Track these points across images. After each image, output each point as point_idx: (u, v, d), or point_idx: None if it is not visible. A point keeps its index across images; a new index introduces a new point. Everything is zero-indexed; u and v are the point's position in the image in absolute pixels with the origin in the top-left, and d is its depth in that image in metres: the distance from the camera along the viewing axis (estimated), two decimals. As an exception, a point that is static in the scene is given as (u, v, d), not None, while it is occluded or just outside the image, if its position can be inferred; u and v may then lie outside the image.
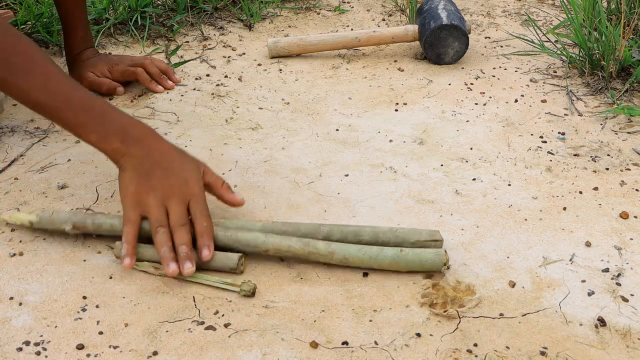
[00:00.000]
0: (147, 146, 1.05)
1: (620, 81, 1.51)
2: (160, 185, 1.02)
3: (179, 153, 1.08)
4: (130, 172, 1.03)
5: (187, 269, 0.98)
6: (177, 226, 1.00)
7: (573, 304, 0.96)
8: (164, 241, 0.99)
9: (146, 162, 1.04)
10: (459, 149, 1.31)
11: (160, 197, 1.02)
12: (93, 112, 1.05)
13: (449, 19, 1.57)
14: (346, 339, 0.91)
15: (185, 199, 1.02)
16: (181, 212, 1.01)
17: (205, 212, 1.03)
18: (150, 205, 1.01)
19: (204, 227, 1.01)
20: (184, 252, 0.99)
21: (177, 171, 1.04)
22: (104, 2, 1.72)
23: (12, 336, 0.91)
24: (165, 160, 1.05)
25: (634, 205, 1.16)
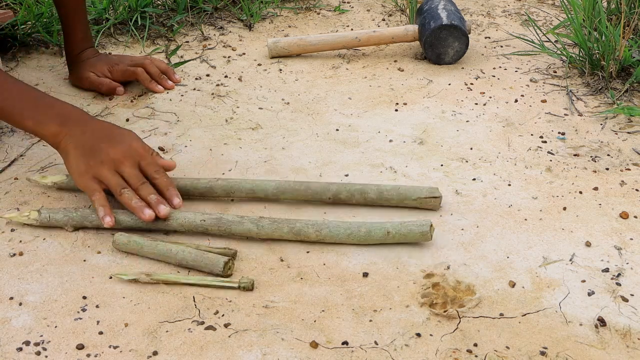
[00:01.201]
0: (85, 125, 1.10)
1: (620, 81, 1.51)
2: (107, 156, 1.06)
3: (114, 125, 1.13)
4: (74, 152, 1.07)
5: (163, 210, 1.03)
6: (138, 185, 1.06)
7: (573, 304, 0.96)
8: (131, 196, 1.04)
9: (88, 138, 1.08)
10: (459, 149, 1.31)
11: (112, 166, 1.06)
12: (28, 98, 1.09)
13: (449, 19, 1.57)
14: (346, 339, 0.91)
15: (136, 161, 1.07)
16: (137, 174, 1.07)
17: (159, 168, 1.08)
18: (105, 177, 1.05)
19: (165, 182, 1.07)
20: (155, 199, 1.04)
21: (120, 139, 1.09)
22: (104, 2, 1.72)
23: (12, 336, 0.91)
24: (106, 134, 1.09)
25: (634, 205, 1.16)
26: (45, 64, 1.60)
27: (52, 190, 1.18)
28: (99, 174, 1.06)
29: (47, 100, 1.11)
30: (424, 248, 1.06)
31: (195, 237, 1.07)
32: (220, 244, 1.07)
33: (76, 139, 1.08)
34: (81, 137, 1.08)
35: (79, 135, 1.08)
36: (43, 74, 1.55)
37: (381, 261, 1.04)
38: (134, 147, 1.09)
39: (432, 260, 1.04)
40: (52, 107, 1.10)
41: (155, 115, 1.41)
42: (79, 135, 1.08)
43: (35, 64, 1.59)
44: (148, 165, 1.07)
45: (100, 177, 1.06)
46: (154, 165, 1.08)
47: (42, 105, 1.09)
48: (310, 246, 1.07)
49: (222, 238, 1.08)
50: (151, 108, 1.44)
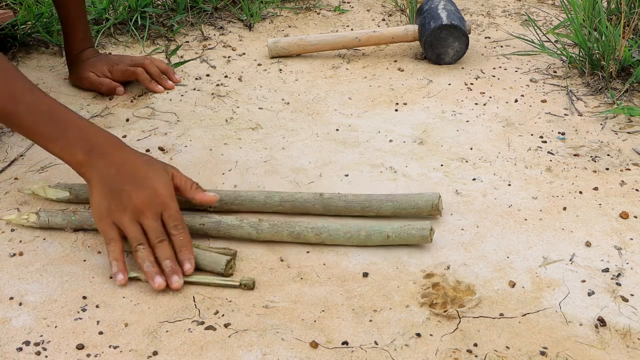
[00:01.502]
0: (112, 157, 1.03)
1: (620, 81, 1.51)
2: (130, 202, 1.00)
3: (144, 161, 1.05)
4: (98, 188, 1.01)
5: (175, 283, 0.98)
6: (156, 243, 1.00)
7: (573, 304, 0.96)
8: (145, 257, 0.99)
9: (112, 175, 1.02)
10: (459, 149, 1.31)
11: (133, 214, 1.00)
12: (57, 121, 1.03)
13: (449, 19, 1.57)
14: (346, 339, 0.91)
15: (158, 212, 1.01)
16: (157, 227, 1.00)
17: (179, 223, 1.02)
18: (125, 225, 1.00)
19: (181, 240, 1.01)
20: (169, 267, 0.98)
21: (145, 182, 1.02)
22: (104, 2, 1.72)
23: (12, 336, 0.91)
24: (132, 172, 1.02)
25: (634, 205, 1.16)
26: (45, 64, 1.60)
27: (52, 190, 1.18)
28: (119, 220, 1.00)
29: (75, 123, 1.04)
30: (424, 248, 1.06)
31: (195, 238, 1.07)
32: (220, 244, 1.07)
33: (100, 173, 1.01)
34: (106, 171, 1.01)
35: (104, 168, 1.01)
36: (43, 74, 1.55)
37: (381, 261, 1.04)
38: (160, 193, 1.01)
39: (432, 260, 1.04)
40: (78, 131, 1.03)
41: (155, 115, 1.41)
42: (103, 169, 1.01)
43: (35, 64, 1.59)
44: (169, 218, 1.01)
45: (119, 224, 1.01)
46: (174, 218, 1.01)
47: (69, 129, 1.03)
48: (310, 246, 1.07)
49: (222, 239, 1.08)
50: (151, 108, 1.44)
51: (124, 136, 1.33)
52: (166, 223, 1.01)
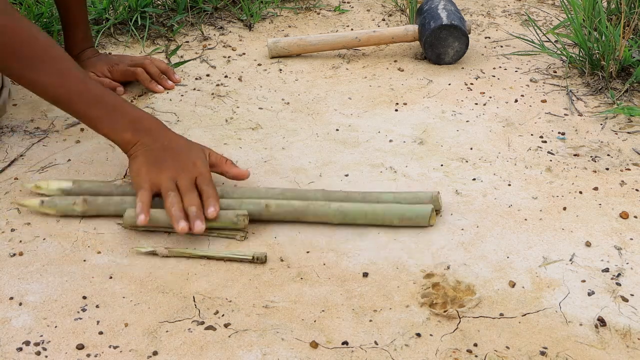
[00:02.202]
0: (156, 135, 1.13)
1: (620, 81, 1.51)
2: (169, 166, 1.10)
3: (185, 140, 1.16)
4: (141, 158, 1.11)
5: (198, 227, 1.05)
6: (186, 191, 1.08)
7: (573, 304, 0.96)
8: (174, 202, 1.06)
9: (156, 148, 1.11)
10: (459, 149, 1.31)
11: (171, 175, 1.09)
12: (105, 105, 1.12)
13: (449, 19, 1.57)
14: (346, 339, 0.91)
15: (193, 177, 1.10)
16: (189, 183, 1.09)
17: (211, 184, 1.10)
18: (160, 180, 1.08)
19: (210, 193, 1.09)
20: (194, 212, 1.06)
21: (185, 154, 1.12)
22: (104, 2, 1.72)
23: (12, 336, 0.91)
24: (174, 146, 1.13)
25: (634, 205, 1.16)
26: (45, 64, 1.60)
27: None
28: (155, 178, 1.09)
29: (123, 107, 1.13)
30: (424, 248, 1.06)
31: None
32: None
33: (145, 148, 1.11)
34: (151, 146, 1.11)
35: (150, 144, 1.11)
36: (43, 74, 1.55)
37: (381, 261, 1.04)
38: (196, 163, 1.11)
39: (432, 260, 1.04)
40: (126, 114, 1.13)
41: (155, 115, 1.41)
42: (149, 144, 1.11)
43: (35, 64, 1.59)
44: (202, 180, 1.10)
45: (156, 181, 1.09)
46: (207, 181, 1.10)
47: (118, 112, 1.12)
48: (310, 246, 1.07)
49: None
50: (151, 108, 1.44)
51: (124, 136, 1.33)
52: (199, 184, 1.10)
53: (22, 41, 1.09)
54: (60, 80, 1.10)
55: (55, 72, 1.10)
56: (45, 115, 1.39)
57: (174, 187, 1.08)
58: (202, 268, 1.03)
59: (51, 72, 1.10)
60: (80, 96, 1.11)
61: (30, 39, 1.10)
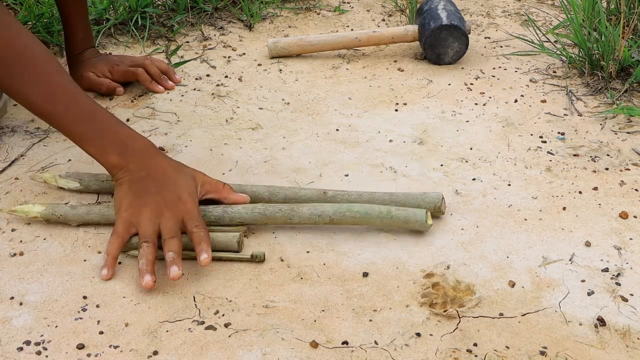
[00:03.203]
0: (144, 161, 1.06)
1: (620, 81, 1.51)
2: (153, 202, 1.03)
3: (175, 168, 1.08)
4: (125, 187, 1.04)
5: (174, 272, 0.97)
6: (168, 238, 1.01)
7: (573, 303, 0.96)
8: (143, 254, 0.99)
9: (141, 178, 1.05)
10: (459, 149, 1.31)
11: (153, 213, 1.02)
12: (94, 123, 1.06)
13: (449, 19, 1.58)
14: (346, 338, 0.91)
15: (179, 216, 1.03)
16: (173, 226, 1.02)
17: (200, 224, 1.03)
18: (141, 221, 1.02)
19: (201, 236, 1.01)
20: (171, 258, 0.99)
21: (171, 188, 1.05)
22: (105, 2, 1.72)
23: (13, 336, 0.91)
24: (160, 177, 1.05)
25: (634, 205, 1.16)
26: (45, 64, 1.60)
27: (53, 189, 1.18)
28: (137, 217, 1.02)
29: (113, 127, 1.07)
30: (424, 248, 1.06)
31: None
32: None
33: (131, 175, 1.05)
34: (137, 173, 1.05)
35: (136, 171, 1.05)
36: (43, 74, 1.55)
37: (381, 261, 1.04)
38: (182, 198, 1.04)
39: (432, 260, 1.04)
40: (115, 134, 1.06)
41: (156, 116, 1.41)
42: (135, 172, 1.05)
43: (35, 64, 1.59)
44: (189, 220, 1.02)
45: (136, 220, 1.02)
46: (194, 221, 1.02)
47: (107, 132, 1.06)
48: (310, 246, 1.07)
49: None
50: (151, 108, 1.44)
51: (124, 136, 1.33)
52: (187, 224, 1.02)
53: (15, 53, 1.03)
54: (48, 94, 1.04)
55: (44, 86, 1.04)
56: (46, 116, 1.40)
57: (151, 233, 1.01)
58: (202, 268, 1.03)
59: (40, 85, 1.04)
60: (69, 112, 1.05)
61: (23, 50, 1.04)
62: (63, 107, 1.05)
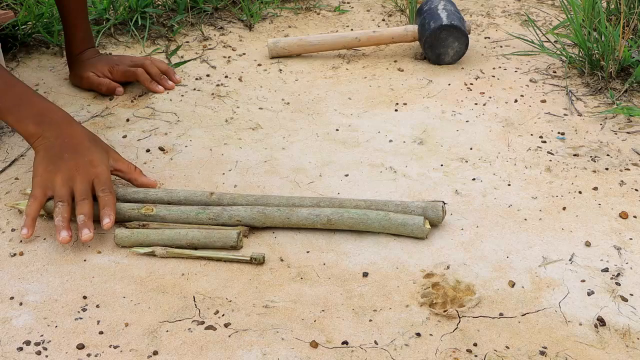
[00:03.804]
0: (60, 130, 1.12)
1: (620, 81, 1.51)
2: (66, 167, 1.09)
3: (90, 138, 1.14)
4: (41, 154, 1.10)
5: (85, 235, 1.04)
6: (79, 200, 1.07)
7: (572, 303, 0.96)
8: (59, 212, 1.06)
9: (57, 144, 1.10)
10: (459, 149, 1.31)
11: (66, 176, 1.08)
12: (12, 94, 1.11)
13: (449, 19, 1.58)
14: (346, 338, 0.91)
15: (90, 178, 1.09)
16: (84, 189, 1.08)
17: (107, 188, 1.09)
18: (56, 185, 1.08)
19: (106, 200, 1.08)
20: (82, 220, 1.05)
21: (84, 153, 1.11)
22: (105, 2, 1.72)
23: (13, 336, 0.91)
24: (75, 143, 1.11)
25: (634, 205, 1.16)
26: (45, 64, 1.60)
27: (53, 190, 1.18)
28: (51, 181, 1.08)
29: (31, 98, 1.12)
30: (424, 248, 1.06)
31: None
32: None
33: (47, 143, 1.10)
34: (53, 141, 1.10)
35: (52, 139, 1.10)
36: (43, 74, 1.55)
37: (381, 261, 1.04)
38: (94, 162, 1.10)
39: (432, 260, 1.04)
40: (33, 105, 1.12)
41: (156, 115, 1.41)
42: (51, 139, 1.10)
43: (35, 64, 1.60)
44: (98, 183, 1.09)
45: (51, 184, 1.08)
46: (103, 184, 1.09)
47: (25, 102, 1.11)
48: (310, 246, 1.07)
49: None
50: (151, 108, 1.44)
51: (124, 136, 1.33)
52: (96, 187, 1.09)
53: None
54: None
55: None
56: (46, 116, 1.40)
57: (65, 193, 1.07)
58: (202, 268, 1.03)
59: None
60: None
61: None
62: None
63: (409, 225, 1.06)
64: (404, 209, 1.09)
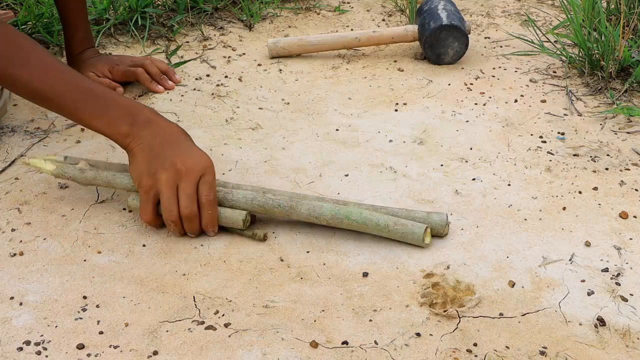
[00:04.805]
0: (155, 127, 1.08)
1: (620, 81, 1.51)
2: (172, 164, 1.05)
3: (183, 131, 1.11)
4: (141, 155, 1.07)
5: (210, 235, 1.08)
6: (186, 216, 1.05)
7: (572, 303, 0.96)
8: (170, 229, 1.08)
9: (156, 143, 1.07)
10: (459, 149, 1.31)
11: (173, 175, 1.05)
12: (96, 98, 1.08)
13: (449, 19, 1.58)
14: (346, 338, 0.91)
15: (197, 177, 1.06)
16: (190, 195, 1.05)
17: (212, 194, 1.06)
18: (162, 185, 1.05)
19: (209, 216, 1.06)
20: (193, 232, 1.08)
21: (189, 149, 1.08)
22: (104, 2, 1.72)
23: (13, 336, 0.91)
24: (176, 140, 1.08)
25: (634, 205, 1.16)
26: (45, 64, 1.60)
27: (53, 189, 1.18)
28: (158, 178, 1.05)
29: (115, 99, 1.09)
30: (424, 248, 1.06)
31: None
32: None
33: (144, 142, 1.07)
34: (151, 139, 1.07)
35: (149, 137, 1.07)
36: (43, 74, 1.55)
37: (381, 261, 1.04)
38: (203, 160, 1.07)
39: (431, 260, 1.04)
40: (121, 106, 1.08)
41: (156, 116, 1.41)
42: (148, 138, 1.07)
43: (35, 64, 1.59)
44: (203, 185, 1.06)
45: (157, 182, 1.05)
46: (208, 188, 1.06)
47: (111, 104, 1.08)
48: (310, 246, 1.07)
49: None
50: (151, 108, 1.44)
51: (124, 136, 1.33)
52: (200, 190, 1.06)
53: (8, 41, 1.06)
54: (46, 77, 1.06)
55: (41, 69, 1.06)
56: (46, 116, 1.40)
57: (173, 206, 1.05)
58: (202, 268, 1.03)
59: (37, 68, 1.05)
60: (68, 90, 1.06)
61: (15, 38, 1.07)
62: (61, 86, 1.06)
63: (408, 239, 1.05)
64: (409, 217, 1.08)
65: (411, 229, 1.05)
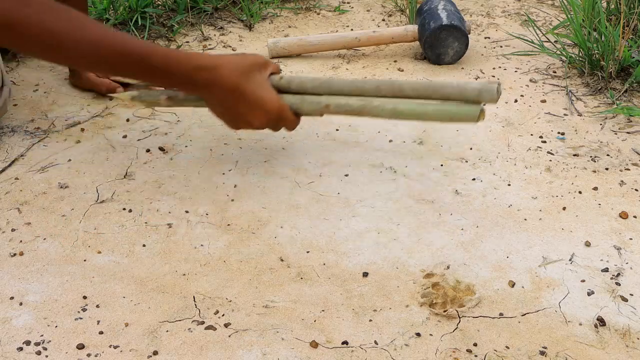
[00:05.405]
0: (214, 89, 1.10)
1: (620, 81, 1.51)
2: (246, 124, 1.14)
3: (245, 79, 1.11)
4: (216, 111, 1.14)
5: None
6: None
7: (572, 303, 0.96)
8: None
9: (222, 106, 1.12)
10: (459, 149, 1.31)
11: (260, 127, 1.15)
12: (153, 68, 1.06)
13: (449, 19, 1.58)
14: (346, 338, 0.91)
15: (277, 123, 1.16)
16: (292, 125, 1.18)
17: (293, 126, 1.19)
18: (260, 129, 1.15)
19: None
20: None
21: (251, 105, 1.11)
22: (104, 2, 1.72)
23: (13, 336, 0.91)
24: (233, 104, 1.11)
25: (634, 205, 1.16)
26: (45, 63, 1.60)
27: (53, 189, 1.18)
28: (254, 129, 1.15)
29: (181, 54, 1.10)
30: (424, 248, 1.06)
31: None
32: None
33: (213, 101, 1.12)
34: (216, 103, 1.12)
35: (214, 101, 1.12)
36: (43, 74, 1.55)
37: (381, 261, 1.04)
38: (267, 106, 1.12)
39: (431, 260, 1.04)
40: (176, 75, 1.07)
41: (156, 115, 1.41)
42: (213, 101, 1.12)
43: (35, 63, 1.59)
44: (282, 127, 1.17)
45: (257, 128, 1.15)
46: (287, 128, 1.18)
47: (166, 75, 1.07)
48: (310, 246, 1.07)
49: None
50: (151, 108, 1.44)
51: (124, 136, 1.33)
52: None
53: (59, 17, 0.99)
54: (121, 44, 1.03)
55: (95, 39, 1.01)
56: (46, 116, 1.40)
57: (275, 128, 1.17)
58: (202, 268, 1.03)
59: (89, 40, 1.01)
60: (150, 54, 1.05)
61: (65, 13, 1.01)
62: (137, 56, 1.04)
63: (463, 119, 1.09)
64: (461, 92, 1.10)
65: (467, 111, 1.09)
